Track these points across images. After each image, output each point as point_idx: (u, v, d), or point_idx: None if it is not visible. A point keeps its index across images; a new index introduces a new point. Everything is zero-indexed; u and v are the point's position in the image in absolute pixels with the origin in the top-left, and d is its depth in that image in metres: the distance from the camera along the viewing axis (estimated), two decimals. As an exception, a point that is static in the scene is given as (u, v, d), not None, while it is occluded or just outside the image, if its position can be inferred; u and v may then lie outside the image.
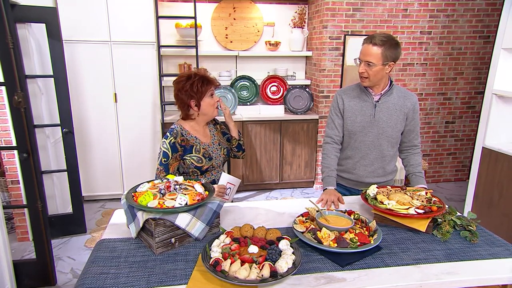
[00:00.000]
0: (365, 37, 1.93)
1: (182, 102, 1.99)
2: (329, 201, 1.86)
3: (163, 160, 1.92)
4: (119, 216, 1.72)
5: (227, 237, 1.42)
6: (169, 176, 1.67)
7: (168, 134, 1.96)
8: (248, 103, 4.60)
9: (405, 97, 2.01)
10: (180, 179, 1.64)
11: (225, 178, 2.02)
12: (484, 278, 1.30)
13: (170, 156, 1.92)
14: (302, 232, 1.48)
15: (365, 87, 2.00)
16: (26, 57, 3.08)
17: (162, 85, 4.09)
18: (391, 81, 2.01)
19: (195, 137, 2.02)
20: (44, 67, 3.40)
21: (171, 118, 4.11)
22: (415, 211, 1.58)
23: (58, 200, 3.56)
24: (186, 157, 1.97)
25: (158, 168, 1.93)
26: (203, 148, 2.01)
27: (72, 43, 3.73)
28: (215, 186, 1.98)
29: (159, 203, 1.43)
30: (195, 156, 1.97)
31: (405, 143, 2.10)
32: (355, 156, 2.07)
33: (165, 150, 1.92)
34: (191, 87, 1.93)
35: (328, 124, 2.15)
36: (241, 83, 4.56)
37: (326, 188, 2.01)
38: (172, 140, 1.93)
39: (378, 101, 1.99)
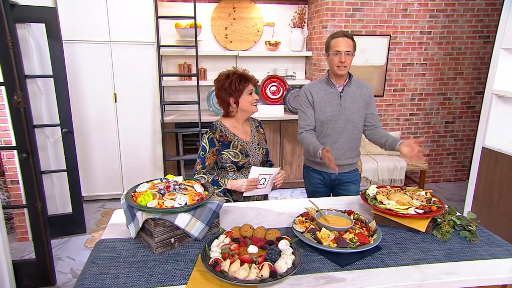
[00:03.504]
0: (332, 33, 2.18)
1: (222, 100, 2.09)
2: (330, 160, 1.93)
3: (201, 153, 2.06)
4: (119, 216, 1.72)
5: (226, 237, 1.42)
6: (169, 176, 1.67)
7: (208, 129, 2.08)
8: (248, 103, 4.59)
9: (361, 86, 2.29)
10: (179, 179, 1.64)
11: (256, 171, 2.03)
12: (484, 278, 1.30)
13: (208, 150, 2.04)
14: (302, 232, 1.48)
15: (330, 80, 2.23)
16: (26, 57, 3.08)
17: (162, 85, 4.09)
18: (350, 74, 2.26)
19: (234, 133, 2.10)
20: (44, 67, 3.40)
21: (171, 118, 4.11)
22: (415, 211, 1.58)
23: (58, 200, 3.56)
24: (224, 152, 2.05)
25: (196, 161, 2.07)
26: (240, 145, 2.08)
27: (72, 43, 3.73)
28: (244, 179, 2.01)
29: (158, 203, 1.43)
30: (232, 151, 2.05)
31: (369, 126, 2.32)
32: (328, 142, 2.27)
33: (203, 144, 2.06)
34: (229, 85, 2.03)
35: (300, 117, 2.32)
36: (241, 83, 4.55)
37: (320, 152, 2.04)
38: (211, 135, 2.05)
39: (342, 92, 2.23)
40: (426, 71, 4.52)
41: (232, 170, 2.07)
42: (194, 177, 1.99)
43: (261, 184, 2.05)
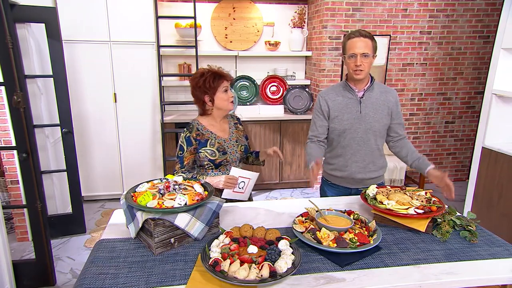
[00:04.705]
0: (349, 33, 1.97)
1: (197, 98, 2.09)
2: (315, 175, 1.81)
3: (179, 153, 2.06)
4: (119, 216, 1.72)
5: (226, 237, 1.42)
6: (168, 176, 1.67)
7: (185, 129, 2.08)
8: (248, 103, 4.59)
9: (386, 92, 2.06)
10: (179, 179, 1.64)
11: (236, 172, 2.02)
12: (484, 278, 1.30)
13: (185, 149, 2.04)
14: (302, 232, 1.48)
15: (348, 84, 2.03)
16: (26, 57, 3.08)
17: (162, 85, 4.09)
18: (372, 77, 2.05)
19: (211, 131, 2.10)
20: (44, 67, 3.40)
21: (171, 118, 4.11)
22: (415, 211, 1.58)
23: (58, 200, 3.56)
24: (201, 150, 2.05)
25: (175, 161, 2.07)
26: (218, 143, 2.08)
27: (72, 43, 3.73)
28: (223, 176, 2.00)
29: (158, 203, 1.43)
30: (209, 149, 2.05)
31: (395, 136, 2.11)
32: (346, 154, 2.07)
33: (181, 143, 2.06)
34: (204, 83, 2.02)
35: (310, 126, 2.16)
36: (240, 83, 4.56)
37: (311, 165, 1.91)
38: (188, 134, 2.05)
39: (362, 97, 2.01)
40: (426, 71, 4.52)
41: (210, 168, 2.08)
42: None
43: (239, 188, 2.03)
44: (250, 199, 2.21)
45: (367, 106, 2.01)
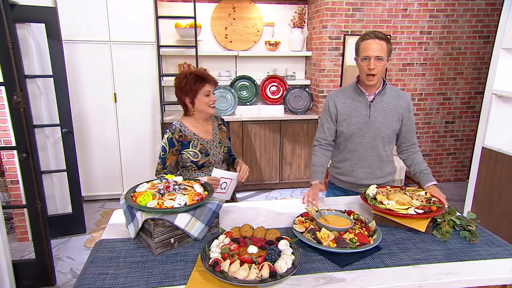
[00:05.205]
0: (363, 34, 1.90)
1: (179, 99, 2.11)
2: (306, 197, 1.83)
3: (161, 154, 2.07)
4: (118, 216, 1.72)
5: (226, 237, 1.41)
6: (168, 176, 1.67)
7: (167, 130, 2.08)
8: (248, 103, 4.59)
9: (399, 96, 1.99)
10: (179, 179, 1.64)
11: (217, 173, 2.02)
12: (484, 278, 1.30)
13: (167, 150, 2.05)
14: (302, 232, 1.48)
15: (359, 87, 1.97)
16: (26, 57, 3.08)
17: (162, 85, 4.09)
18: (384, 80, 1.99)
19: (194, 133, 2.09)
20: (44, 67, 3.40)
21: (171, 118, 4.11)
22: (415, 211, 1.58)
23: (58, 200, 3.56)
24: (183, 152, 2.06)
25: (157, 161, 2.08)
26: (200, 144, 2.08)
27: (72, 43, 3.73)
28: (205, 177, 2.00)
29: (158, 203, 1.43)
30: (191, 151, 2.05)
31: (405, 143, 2.08)
32: (353, 159, 2.03)
33: (163, 144, 2.06)
34: (185, 85, 2.03)
35: (318, 128, 2.13)
36: (240, 83, 4.56)
37: (312, 184, 1.97)
38: (170, 136, 2.05)
39: (372, 101, 1.96)
40: (426, 71, 4.52)
41: (193, 169, 2.08)
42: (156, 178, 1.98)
43: (222, 189, 2.03)
44: (233, 199, 2.22)
45: (376, 111, 1.95)
